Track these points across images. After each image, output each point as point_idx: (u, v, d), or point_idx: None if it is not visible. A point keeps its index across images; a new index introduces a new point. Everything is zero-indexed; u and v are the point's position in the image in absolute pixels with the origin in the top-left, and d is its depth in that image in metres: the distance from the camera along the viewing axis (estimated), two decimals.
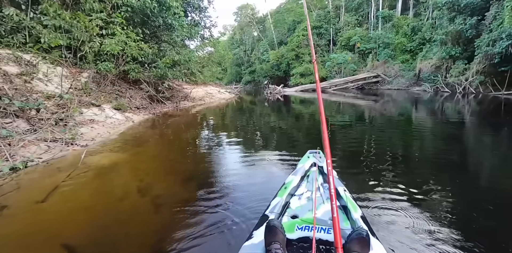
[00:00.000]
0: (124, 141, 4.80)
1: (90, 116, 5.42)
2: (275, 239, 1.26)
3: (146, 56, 8.27)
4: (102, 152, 3.93)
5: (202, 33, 17.84)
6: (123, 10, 7.74)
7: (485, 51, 13.97)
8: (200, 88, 15.42)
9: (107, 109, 6.19)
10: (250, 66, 41.83)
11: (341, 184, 1.96)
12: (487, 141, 5.04)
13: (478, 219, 2.16)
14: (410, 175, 3.21)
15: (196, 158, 4.05)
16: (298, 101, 15.83)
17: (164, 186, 2.89)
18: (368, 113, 9.85)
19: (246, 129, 6.76)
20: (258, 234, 1.42)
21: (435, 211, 2.23)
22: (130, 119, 6.47)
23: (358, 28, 27.77)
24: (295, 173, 2.14)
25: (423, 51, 20.27)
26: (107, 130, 5.19)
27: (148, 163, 3.76)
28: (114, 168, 3.36)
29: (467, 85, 15.86)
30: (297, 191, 1.94)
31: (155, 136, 5.49)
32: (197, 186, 2.81)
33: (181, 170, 3.42)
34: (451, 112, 9.51)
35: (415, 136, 5.56)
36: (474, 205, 2.43)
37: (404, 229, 1.97)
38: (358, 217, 1.55)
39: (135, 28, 8.15)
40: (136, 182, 2.96)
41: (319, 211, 1.64)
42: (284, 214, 1.67)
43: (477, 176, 3.30)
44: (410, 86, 20.43)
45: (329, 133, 5.89)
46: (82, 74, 6.89)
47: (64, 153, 3.72)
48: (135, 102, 7.78)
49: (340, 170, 3.17)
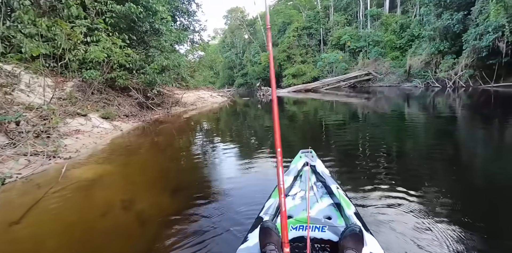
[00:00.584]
0: (111, 151, 4.63)
1: (76, 126, 5.25)
2: (270, 241, 1.24)
3: (133, 62, 8.12)
4: (86, 164, 3.77)
5: (192, 38, 17.75)
6: (108, 16, 7.59)
7: (473, 45, 14.12)
8: (192, 93, 15.27)
9: (94, 118, 6.02)
10: (242, 68, 41.76)
11: (334, 182, 1.96)
12: (479, 134, 5.06)
13: (473, 211, 2.16)
14: (405, 170, 3.20)
15: (186, 166, 3.94)
16: (291, 102, 15.79)
17: (151, 198, 2.75)
18: (361, 111, 9.87)
19: (239, 133, 6.66)
20: (253, 236, 1.40)
21: (430, 204, 2.24)
22: (118, 127, 6.30)
23: (348, 27, 27.93)
24: (288, 173, 2.12)
25: (413, 48, 20.42)
26: (93, 140, 5.03)
27: (134, 174, 3.62)
28: (98, 181, 3.21)
29: (457, 79, 16.00)
30: (290, 191, 1.93)
31: (144, 144, 5.33)
32: (186, 196, 2.70)
33: (169, 180, 3.30)
34: (443, 106, 9.57)
35: (408, 132, 5.57)
36: (468, 197, 2.45)
37: (400, 224, 1.97)
38: (352, 213, 1.55)
39: (121, 34, 8.00)
40: (120, 195, 2.83)
41: (313, 210, 1.65)
42: (278, 214, 1.63)
43: (471, 169, 3.28)
44: (401, 82, 20.56)
45: (323, 132, 5.88)
46: (67, 83, 6.72)
47: (46, 167, 3.55)
48: (124, 110, 7.60)
49: (335, 168, 3.24)
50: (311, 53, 30.32)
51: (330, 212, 1.65)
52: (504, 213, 2.16)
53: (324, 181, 2.00)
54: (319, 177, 2.08)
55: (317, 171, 2.13)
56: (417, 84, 18.46)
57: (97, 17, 7.50)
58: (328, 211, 1.66)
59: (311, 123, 7.79)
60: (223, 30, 50.43)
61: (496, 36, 12.95)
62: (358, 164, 3.46)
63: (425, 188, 2.59)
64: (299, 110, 11.68)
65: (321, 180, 2.03)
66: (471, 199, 2.41)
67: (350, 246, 1.20)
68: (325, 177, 2.03)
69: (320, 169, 2.15)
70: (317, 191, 1.90)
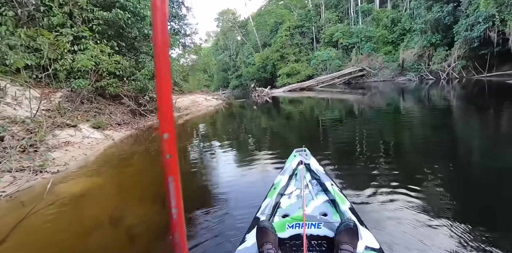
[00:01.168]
0: (101, 162, 4.52)
1: (65, 138, 5.13)
2: (267, 240, 1.26)
3: (123, 69, 8.01)
4: (75, 178, 3.65)
5: (183, 41, 17.67)
6: (95, 24, 7.48)
7: (464, 36, 14.12)
8: (186, 97, 15.14)
9: (84, 129, 5.90)
10: (237, 70, 41.62)
11: (328, 179, 1.99)
12: (475, 124, 5.04)
13: (470, 204, 2.19)
14: (402, 164, 3.21)
15: (181, 174, 3.80)
16: (287, 101, 15.73)
17: (142, 212, 2.64)
18: (356, 106, 9.88)
19: (236, 136, 6.56)
20: (250, 237, 1.41)
21: (428, 198, 2.25)
22: (110, 137, 6.18)
23: (340, 24, 27.86)
24: (283, 172, 2.16)
25: (405, 41, 20.39)
26: (84, 152, 4.91)
27: (125, 186, 3.51)
28: (86, 196, 3.09)
29: (450, 70, 16.00)
30: (286, 190, 1.96)
31: (136, 153, 5.20)
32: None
33: (163, 190, 3.16)
34: (437, 98, 9.57)
35: (404, 125, 5.56)
36: (465, 189, 2.47)
37: (399, 219, 1.99)
38: (347, 209, 1.58)
39: (109, 41, 7.89)
40: (109, 210, 2.72)
41: (309, 207, 1.68)
42: (275, 214, 1.68)
43: (468, 160, 3.27)
44: (395, 76, 20.55)
45: (320, 129, 5.85)
46: (55, 94, 6.61)
47: (32, 183, 3.42)
48: (116, 118, 7.47)
49: (332, 165, 3.29)
50: (305, 52, 30.23)
51: (326, 208, 1.68)
52: (503, 205, 2.14)
53: (318, 179, 2.02)
54: (314, 175, 2.11)
55: (312, 169, 2.16)
56: (411, 77, 18.46)
57: (84, 25, 7.38)
58: (324, 208, 1.68)
59: (308, 121, 7.79)
60: (215, 33, 50.34)
61: (487, 26, 12.95)
62: (354, 160, 3.48)
63: (422, 182, 2.58)
64: (295, 109, 11.65)
65: (316, 178, 2.06)
66: (468, 192, 2.41)
67: (345, 241, 1.21)
68: (320, 174, 2.05)
69: (315, 167, 2.18)
70: (312, 189, 1.92)
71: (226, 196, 2.76)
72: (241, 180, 3.22)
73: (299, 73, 27.85)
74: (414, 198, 2.25)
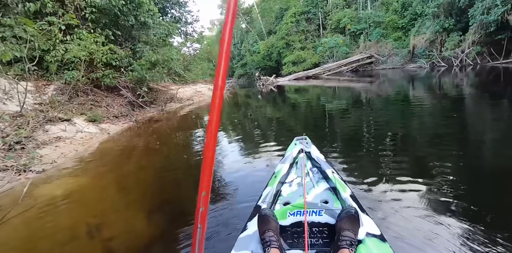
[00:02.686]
0: (91, 160, 4.30)
1: (56, 133, 4.94)
2: (268, 227, 1.27)
3: (119, 59, 7.72)
4: (60, 178, 3.46)
5: (185, 30, 17.19)
6: (88, 12, 7.14)
7: (480, 20, 13.28)
8: (189, 87, 14.87)
9: (79, 123, 5.70)
10: (241, 59, 40.95)
11: (329, 167, 1.99)
12: (489, 114, 4.72)
13: (480, 196, 2.12)
14: (409, 154, 3.14)
15: (176, 172, 3.56)
16: (292, 90, 15.37)
17: (127, 219, 2.43)
18: (364, 95, 9.56)
19: (237, 129, 6.28)
20: (252, 224, 1.42)
21: (437, 191, 2.18)
22: (106, 131, 5.98)
23: (347, 9, 26.77)
24: (284, 161, 2.16)
25: (416, 27, 19.44)
26: (75, 147, 4.71)
27: (113, 187, 3.29)
28: (68, 200, 2.86)
29: (464, 57, 15.23)
30: (287, 179, 1.97)
31: (131, 149, 4.98)
32: (171, 212, 2.42)
33: (154, 193, 2.91)
34: (449, 86, 9.13)
35: (413, 114, 5.35)
36: (476, 182, 2.38)
37: (409, 209, 1.96)
38: (348, 196, 1.59)
39: (104, 30, 7.57)
40: (91, 218, 2.49)
41: (310, 195, 1.69)
42: (276, 202, 1.69)
43: (480, 153, 3.10)
44: (405, 63, 19.78)
45: (326, 119, 5.82)
46: (49, 86, 6.39)
47: (14, 184, 3.26)
48: (113, 111, 7.24)
49: (338, 153, 3.33)
50: (311, 39, 29.33)
51: (327, 196, 1.69)
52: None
53: (319, 167, 2.03)
54: (315, 162, 2.11)
55: (312, 157, 2.16)
56: (422, 64, 17.71)
57: (77, 14, 7.03)
58: (325, 195, 1.70)
59: (313, 110, 7.60)
60: (219, 21, 49.31)
61: (505, 9, 12.11)
62: (360, 149, 3.47)
63: (429, 173, 2.52)
64: (300, 98, 11.38)
65: (317, 166, 2.07)
66: (478, 184, 2.33)
67: (346, 228, 1.22)
68: (321, 162, 2.06)
69: (315, 155, 2.18)
70: (313, 177, 1.94)
71: (231, 186, 2.78)
72: (246, 169, 3.20)
73: (305, 61, 27.12)
74: (420, 189, 2.22)
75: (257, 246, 1.26)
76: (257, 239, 1.29)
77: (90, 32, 7.08)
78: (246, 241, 1.32)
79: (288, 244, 1.35)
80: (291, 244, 1.35)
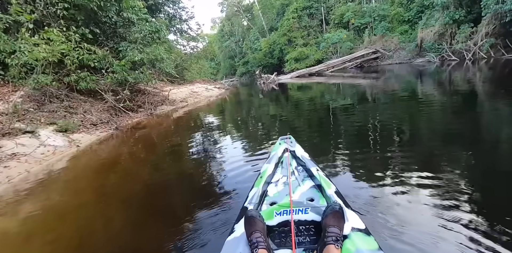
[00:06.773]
0: (40, 186, 3.41)
1: (11, 148, 4.21)
2: (255, 229, 1.27)
3: (99, 60, 7.08)
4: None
5: (180, 27, 16.59)
6: (59, 8, 6.50)
7: (495, 9, 12.39)
8: (185, 88, 14.25)
9: (44, 134, 5.02)
10: (243, 57, 40.32)
11: (314, 165, 2.00)
12: (503, 112, 4.32)
13: (490, 196, 2.06)
14: (418, 155, 2.97)
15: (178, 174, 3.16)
16: (295, 88, 14.72)
17: None
18: (369, 92, 9.03)
19: (233, 134, 5.63)
20: (239, 226, 1.41)
21: (446, 191, 2.10)
22: (76, 142, 5.26)
23: (350, 3, 25.91)
24: (269, 161, 2.15)
25: (423, 19, 18.49)
26: (28, 168, 3.96)
27: (44, 235, 2.35)
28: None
29: (477, 50, 14.29)
30: (273, 179, 1.96)
31: (97, 167, 4.18)
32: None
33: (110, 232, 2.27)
34: (461, 82, 8.46)
35: (421, 112, 5.04)
36: (488, 183, 2.24)
37: (418, 208, 1.93)
38: (332, 193, 1.61)
39: (79, 28, 6.93)
40: None
41: (296, 194, 1.70)
42: (263, 202, 1.68)
43: (493, 152, 2.86)
44: (413, 58, 18.88)
45: (331, 117, 5.77)
46: (15, 93, 5.74)
47: None
48: (91, 118, 6.54)
49: (346, 153, 3.29)
50: (313, 35, 28.49)
51: (312, 194, 1.69)
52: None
53: (304, 165, 2.04)
54: (299, 161, 2.12)
55: (297, 156, 2.18)
56: (431, 58, 16.79)
57: (47, 10, 6.40)
58: (310, 193, 1.70)
59: (317, 108, 7.20)
60: (220, 19, 48.64)
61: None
62: (370, 147, 3.40)
63: (438, 171, 2.44)
64: (304, 96, 10.86)
65: (301, 164, 2.08)
66: (489, 186, 2.21)
67: (332, 224, 1.23)
68: (305, 160, 2.07)
69: (300, 154, 2.19)
70: (298, 175, 1.95)
71: (229, 188, 2.69)
72: (235, 170, 3.12)
73: (308, 58, 26.35)
74: (429, 190, 2.15)
75: (245, 248, 1.26)
76: (244, 241, 1.29)
77: (63, 30, 6.39)
78: (233, 244, 1.31)
79: (276, 244, 1.34)
80: (279, 244, 1.34)
